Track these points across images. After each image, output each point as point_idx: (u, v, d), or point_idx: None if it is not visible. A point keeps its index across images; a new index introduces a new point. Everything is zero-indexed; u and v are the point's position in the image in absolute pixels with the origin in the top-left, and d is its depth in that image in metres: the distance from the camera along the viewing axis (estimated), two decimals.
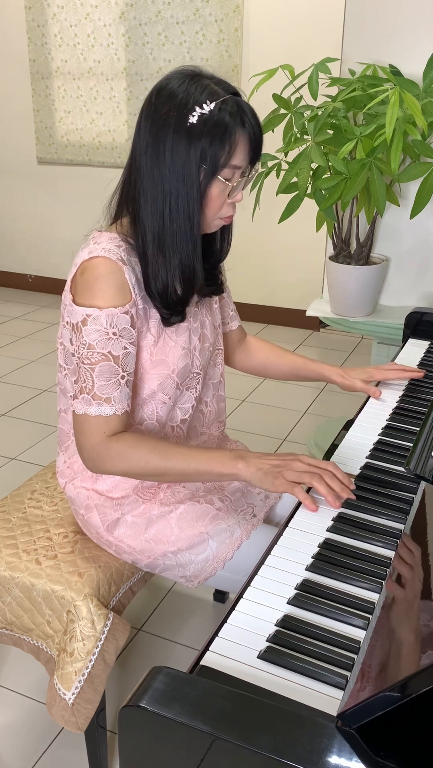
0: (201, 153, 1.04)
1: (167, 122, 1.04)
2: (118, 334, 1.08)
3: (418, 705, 0.60)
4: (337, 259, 2.29)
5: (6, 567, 1.24)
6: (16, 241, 4.61)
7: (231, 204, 1.12)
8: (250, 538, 1.21)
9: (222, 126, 1.03)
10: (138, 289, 1.11)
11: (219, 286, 1.31)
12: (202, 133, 1.03)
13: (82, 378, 1.09)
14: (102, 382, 1.08)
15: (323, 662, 0.75)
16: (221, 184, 1.07)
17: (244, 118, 1.05)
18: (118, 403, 1.09)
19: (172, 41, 3.65)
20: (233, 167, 1.07)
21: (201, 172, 1.06)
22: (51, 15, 3.89)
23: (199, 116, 1.02)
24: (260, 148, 1.10)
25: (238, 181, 1.10)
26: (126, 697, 0.69)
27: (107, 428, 1.09)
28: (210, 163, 1.05)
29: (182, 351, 1.20)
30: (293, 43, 3.40)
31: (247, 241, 3.80)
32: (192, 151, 1.04)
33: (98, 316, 1.06)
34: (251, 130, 1.07)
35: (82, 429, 1.10)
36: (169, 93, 1.05)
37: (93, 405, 1.08)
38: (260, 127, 1.09)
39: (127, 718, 0.65)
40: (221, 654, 0.76)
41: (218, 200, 1.09)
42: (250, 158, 1.09)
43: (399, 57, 2.10)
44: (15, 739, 1.47)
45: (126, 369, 1.10)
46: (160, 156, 1.06)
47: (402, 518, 1.01)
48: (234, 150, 1.05)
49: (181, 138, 1.04)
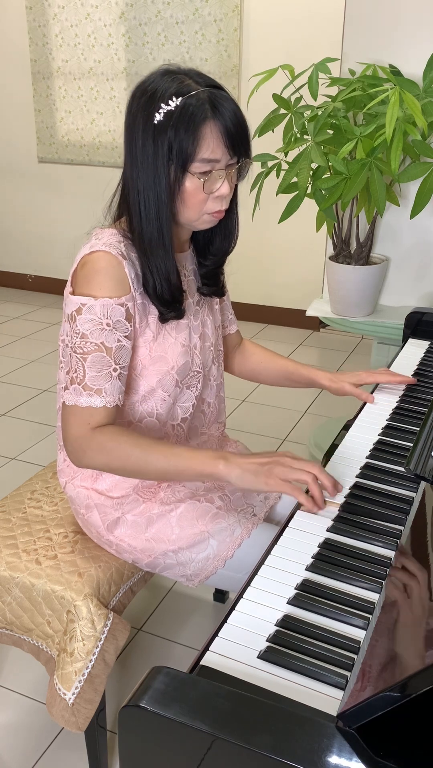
0: (168, 148, 1.03)
1: (137, 121, 1.04)
2: (112, 326, 1.08)
3: (418, 705, 0.60)
4: (337, 259, 2.29)
5: (6, 567, 1.24)
6: (16, 241, 4.61)
7: (218, 199, 1.09)
8: (250, 537, 1.21)
9: (186, 119, 1.01)
10: (137, 284, 1.11)
11: (220, 287, 1.31)
12: (167, 129, 1.02)
13: (74, 368, 1.08)
14: (94, 372, 1.07)
15: (323, 662, 0.75)
16: (195, 179, 1.05)
17: (215, 109, 1.02)
18: (109, 396, 1.09)
19: (171, 41, 3.65)
20: (206, 161, 1.04)
21: (171, 169, 1.05)
22: (52, 15, 3.89)
23: (165, 113, 1.02)
24: (241, 138, 1.06)
25: (219, 174, 1.06)
26: (126, 697, 0.69)
27: (93, 420, 1.08)
28: (178, 158, 1.03)
29: (182, 348, 1.20)
30: (293, 43, 3.40)
31: (247, 241, 3.78)
32: (159, 147, 1.03)
33: (93, 306, 1.07)
34: (223, 121, 1.03)
35: (68, 420, 1.10)
36: (141, 91, 1.05)
37: (83, 395, 1.08)
38: (238, 117, 1.05)
39: (127, 718, 0.65)
40: (221, 654, 0.76)
41: (196, 196, 1.07)
42: (228, 150, 1.05)
43: (399, 57, 2.10)
44: (15, 739, 1.47)
45: (119, 362, 1.10)
46: (134, 156, 1.06)
47: (402, 518, 1.01)
48: (202, 142, 1.02)
49: (148, 135, 1.03)
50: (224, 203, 1.11)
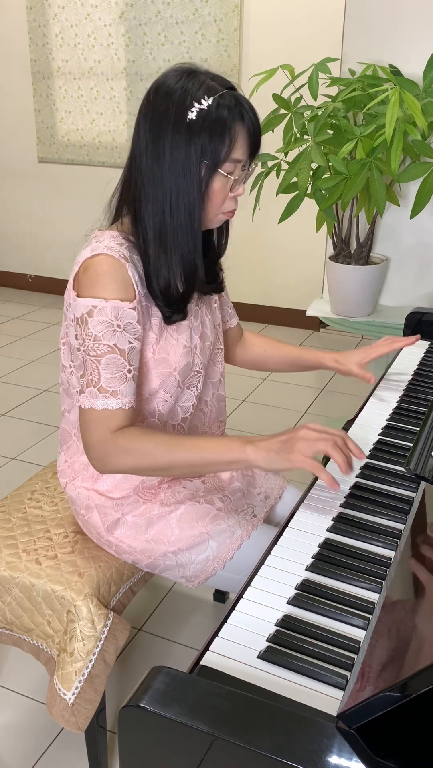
0: (201, 148, 1.04)
1: (166, 119, 1.04)
2: (123, 328, 1.08)
3: (418, 705, 0.60)
4: (337, 259, 2.29)
5: (6, 567, 1.24)
6: (17, 241, 4.61)
7: (233, 198, 1.13)
8: (250, 538, 1.21)
9: (221, 120, 1.03)
10: (140, 286, 1.11)
11: (219, 284, 1.31)
12: (202, 129, 1.03)
13: (89, 371, 1.08)
14: (108, 374, 1.07)
15: (323, 662, 0.75)
16: (222, 179, 1.08)
17: (242, 111, 1.06)
18: (125, 397, 1.08)
19: (171, 41, 3.65)
20: (234, 161, 1.07)
21: (202, 168, 1.06)
22: (52, 15, 3.89)
23: (198, 112, 1.03)
24: (259, 140, 1.11)
25: (239, 175, 1.10)
26: (126, 697, 0.69)
27: (112, 423, 1.08)
28: (211, 157, 1.05)
29: (184, 349, 1.20)
30: (293, 43, 3.40)
31: (247, 240, 3.80)
32: (192, 146, 1.04)
33: (104, 308, 1.06)
34: (249, 123, 1.07)
35: (87, 425, 1.09)
36: (166, 90, 1.05)
37: (99, 398, 1.07)
38: (258, 120, 1.09)
39: (127, 718, 0.65)
40: (221, 654, 0.76)
41: (220, 195, 1.10)
42: (249, 151, 1.10)
43: (399, 57, 2.10)
44: (15, 739, 1.47)
45: (132, 363, 1.10)
46: (160, 154, 1.06)
47: (402, 518, 1.01)
48: (234, 143, 1.06)
49: (180, 134, 1.04)
50: (237, 203, 1.14)
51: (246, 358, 1.53)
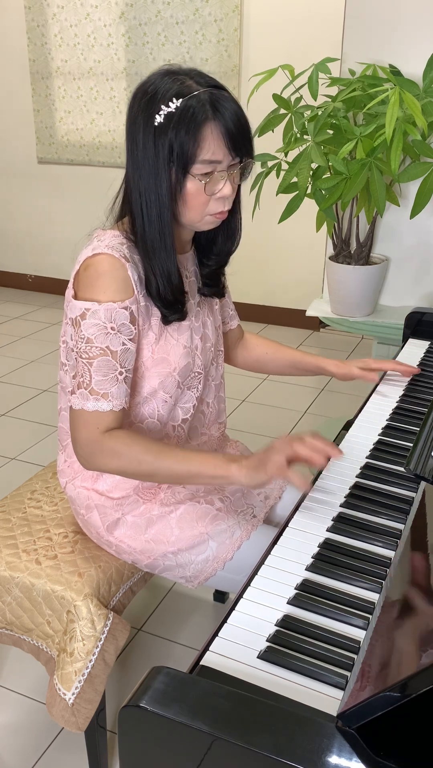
0: (168, 150, 1.03)
1: (137, 122, 1.04)
2: (117, 329, 1.08)
3: (418, 705, 0.60)
4: (337, 259, 2.29)
5: (6, 567, 1.24)
6: (16, 241, 4.61)
7: (220, 199, 1.09)
8: (250, 539, 1.21)
9: (186, 121, 1.01)
10: (140, 286, 1.11)
11: (221, 288, 1.31)
12: (167, 131, 1.02)
13: (80, 373, 1.08)
14: (100, 377, 1.08)
15: (323, 662, 0.75)
16: (196, 181, 1.05)
17: (217, 109, 1.02)
18: (116, 399, 1.09)
19: (171, 41, 3.65)
20: (207, 162, 1.04)
21: (172, 171, 1.04)
22: (51, 15, 3.89)
23: (165, 115, 1.01)
24: (243, 138, 1.05)
25: (220, 176, 1.06)
26: (126, 697, 0.69)
27: (102, 424, 1.08)
28: (178, 160, 1.03)
29: (184, 350, 1.20)
30: (293, 43, 3.40)
31: (247, 241, 3.78)
32: (159, 149, 1.03)
33: (97, 311, 1.07)
34: (225, 123, 1.02)
35: (77, 424, 1.10)
36: (142, 92, 1.05)
37: (90, 400, 1.08)
38: (240, 117, 1.04)
39: (127, 718, 0.65)
40: (221, 654, 0.76)
41: (197, 197, 1.07)
42: (230, 150, 1.05)
43: (399, 57, 2.10)
44: (15, 739, 1.47)
45: (125, 366, 1.10)
46: (135, 157, 1.06)
47: (402, 518, 1.01)
48: (202, 144, 1.02)
49: (148, 137, 1.03)
50: (227, 204, 1.11)
51: (247, 360, 1.53)
